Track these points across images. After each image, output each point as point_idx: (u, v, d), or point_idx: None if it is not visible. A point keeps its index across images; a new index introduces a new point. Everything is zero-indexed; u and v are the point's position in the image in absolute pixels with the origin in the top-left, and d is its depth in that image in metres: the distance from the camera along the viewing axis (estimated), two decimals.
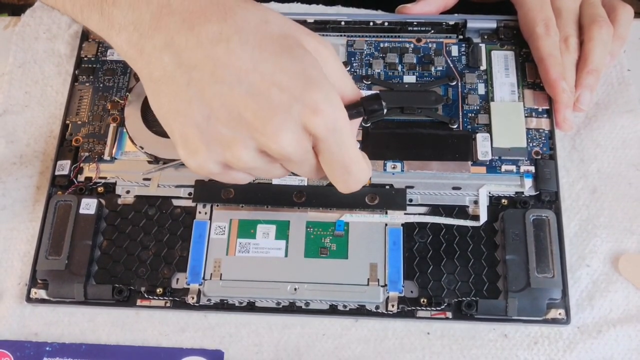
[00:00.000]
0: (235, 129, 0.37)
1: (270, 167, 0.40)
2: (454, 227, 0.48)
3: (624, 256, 0.47)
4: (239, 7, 0.38)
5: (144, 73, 0.39)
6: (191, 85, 0.37)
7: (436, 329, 0.46)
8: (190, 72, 0.37)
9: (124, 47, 0.39)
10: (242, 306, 0.46)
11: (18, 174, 0.52)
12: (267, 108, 0.36)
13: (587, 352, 0.45)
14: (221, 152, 0.38)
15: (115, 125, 0.52)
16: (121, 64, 0.55)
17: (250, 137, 0.37)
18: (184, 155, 0.39)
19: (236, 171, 0.40)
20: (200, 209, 0.49)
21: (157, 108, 0.39)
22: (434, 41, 0.55)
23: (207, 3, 0.38)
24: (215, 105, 0.37)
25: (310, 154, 0.39)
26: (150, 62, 0.38)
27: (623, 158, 0.51)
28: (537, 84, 0.52)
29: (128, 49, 0.39)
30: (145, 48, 0.38)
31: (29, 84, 0.55)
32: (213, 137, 0.37)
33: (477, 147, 0.50)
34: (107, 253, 0.48)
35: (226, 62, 0.36)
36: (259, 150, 0.38)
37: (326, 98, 0.37)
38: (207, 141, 0.38)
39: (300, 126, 0.37)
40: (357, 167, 0.40)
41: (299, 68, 0.37)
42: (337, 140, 0.38)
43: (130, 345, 0.46)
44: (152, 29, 0.37)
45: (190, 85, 0.37)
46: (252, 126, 0.37)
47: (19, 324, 0.47)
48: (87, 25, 0.40)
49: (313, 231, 0.48)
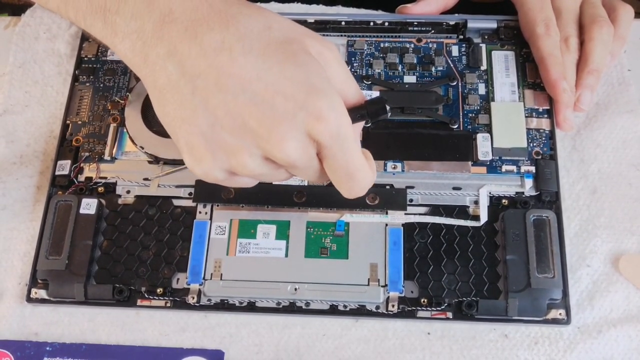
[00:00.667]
0: (240, 137, 0.37)
1: (275, 173, 0.40)
2: (454, 227, 0.48)
3: (624, 256, 0.47)
4: (242, 15, 0.38)
5: (148, 80, 0.39)
6: (196, 94, 0.37)
7: (436, 329, 0.46)
8: (195, 81, 0.37)
9: (128, 55, 0.39)
10: (242, 306, 0.46)
11: (18, 174, 0.52)
12: (272, 116, 0.36)
13: (587, 352, 0.45)
14: (226, 160, 0.38)
15: (116, 125, 0.52)
16: (121, 64, 0.55)
17: (255, 145, 0.37)
18: (189, 162, 0.39)
19: (241, 177, 0.40)
20: (200, 209, 0.49)
21: (163, 115, 0.39)
22: (435, 41, 0.55)
23: (209, 11, 0.38)
24: (219, 113, 0.37)
25: (315, 161, 0.39)
26: (155, 70, 0.38)
27: (623, 158, 0.51)
28: (537, 84, 0.52)
29: (132, 57, 0.39)
30: (149, 56, 0.38)
31: (29, 84, 0.55)
32: (218, 145, 0.37)
33: (478, 147, 0.50)
34: (107, 253, 0.48)
35: (229, 71, 0.36)
36: (264, 157, 0.38)
37: (330, 105, 0.37)
38: (213, 149, 0.38)
39: (304, 134, 0.37)
40: (360, 174, 0.40)
41: (302, 76, 0.37)
42: (341, 147, 0.38)
43: (130, 345, 0.46)
44: (155, 37, 0.37)
45: (194, 94, 0.37)
46: (257, 134, 0.37)
47: (19, 324, 0.47)
48: (91, 32, 0.41)
49: (313, 231, 0.48)
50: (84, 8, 0.40)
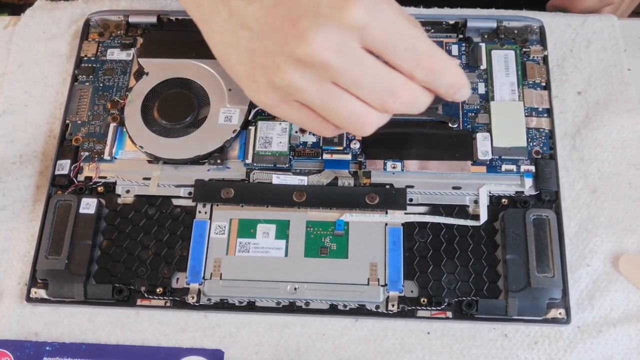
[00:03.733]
0: (272, 41, 0.37)
1: (323, 89, 0.38)
2: (454, 226, 0.48)
3: (624, 256, 0.47)
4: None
5: (197, 17, 0.42)
6: (232, 14, 0.39)
7: (436, 329, 0.46)
8: (229, 3, 0.39)
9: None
10: (242, 306, 0.46)
11: (18, 174, 0.52)
12: (295, 11, 0.37)
13: (587, 351, 0.45)
14: (269, 74, 0.38)
15: (115, 125, 0.52)
16: (121, 63, 0.55)
17: (284, 44, 0.37)
18: (246, 87, 0.41)
19: (292, 104, 0.40)
20: (200, 209, 0.49)
21: (213, 47, 0.42)
22: (434, 40, 0.54)
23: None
24: (253, 25, 0.38)
25: (359, 54, 0.37)
26: (200, 4, 0.41)
27: (623, 158, 0.51)
28: (537, 84, 0.52)
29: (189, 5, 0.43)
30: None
31: (29, 84, 0.55)
32: (259, 60, 0.39)
33: (477, 146, 0.50)
34: (107, 253, 0.48)
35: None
36: (297, 60, 0.37)
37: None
38: (255, 66, 0.39)
39: (334, 26, 0.36)
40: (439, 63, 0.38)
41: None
42: (384, 22, 0.37)
43: (130, 345, 0.46)
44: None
45: (232, 15, 0.39)
46: (283, 31, 0.37)
47: (19, 324, 0.47)
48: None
49: (313, 231, 0.48)
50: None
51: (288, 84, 0.38)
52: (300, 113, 0.41)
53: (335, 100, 0.39)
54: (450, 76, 0.39)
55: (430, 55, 0.38)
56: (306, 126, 0.42)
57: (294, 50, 0.37)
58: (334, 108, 0.39)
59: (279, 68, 0.38)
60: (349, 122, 0.40)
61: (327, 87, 0.38)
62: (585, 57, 0.54)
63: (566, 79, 0.54)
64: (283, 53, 0.37)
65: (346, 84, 0.38)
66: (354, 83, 0.38)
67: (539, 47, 0.53)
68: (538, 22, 0.54)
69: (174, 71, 0.53)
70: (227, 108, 0.51)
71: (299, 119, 0.41)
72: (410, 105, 0.40)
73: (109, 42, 0.56)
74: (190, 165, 0.50)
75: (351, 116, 0.39)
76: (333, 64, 0.37)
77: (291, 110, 0.41)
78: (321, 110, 0.40)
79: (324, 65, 0.37)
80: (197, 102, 0.51)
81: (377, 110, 0.39)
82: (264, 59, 0.38)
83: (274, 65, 0.38)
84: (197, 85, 0.52)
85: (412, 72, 0.38)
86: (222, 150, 0.50)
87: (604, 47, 0.55)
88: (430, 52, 0.38)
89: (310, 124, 0.41)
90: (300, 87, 0.38)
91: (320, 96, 0.38)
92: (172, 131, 0.51)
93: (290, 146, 0.51)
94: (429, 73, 0.38)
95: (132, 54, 0.55)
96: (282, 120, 0.51)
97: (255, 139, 0.51)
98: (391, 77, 0.38)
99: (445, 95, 0.40)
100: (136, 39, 0.55)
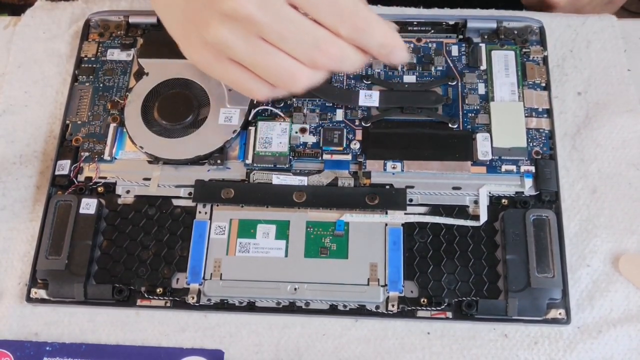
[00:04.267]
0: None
1: (250, 44, 0.39)
2: (454, 227, 0.48)
3: (624, 256, 0.47)
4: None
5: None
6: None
7: (436, 329, 0.46)
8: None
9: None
10: (242, 306, 0.46)
11: (18, 174, 0.52)
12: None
13: (587, 352, 0.45)
14: (200, 33, 0.39)
15: (115, 125, 0.52)
16: (121, 64, 0.55)
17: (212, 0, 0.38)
18: (182, 47, 0.42)
19: (225, 63, 0.40)
20: (200, 209, 0.49)
21: (156, 10, 0.45)
22: (434, 41, 0.55)
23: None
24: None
25: (282, 8, 0.37)
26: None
27: (623, 158, 0.51)
28: (537, 84, 0.52)
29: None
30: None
31: (29, 84, 0.55)
32: (191, 16, 0.40)
33: (477, 147, 0.50)
34: (107, 253, 0.48)
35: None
36: (224, 14, 0.38)
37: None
38: (188, 23, 0.40)
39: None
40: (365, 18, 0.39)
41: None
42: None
43: (130, 345, 0.46)
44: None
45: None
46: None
47: (19, 324, 0.47)
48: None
49: (313, 231, 0.48)
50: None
51: (218, 40, 0.39)
52: (235, 72, 0.41)
53: (264, 55, 0.39)
54: (379, 36, 0.39)
55: (353, 13, 0.38)
56: (240, 86, 0.42)
57: (220, 6, 0.38)
58: (264, 63, 0.39)
59: (208, 24, 0.39)
60: (280, 77, 0.40)
61: (254, 42, 0.39)
62: (585, 58, 0.55)
63: (566, 80, 0.54)
64: (211, 8, 0.38)
65: (273, 38, 0.38)
66: (280, 37, 0.38)
67: (538, 48, 0.54)
68: (538, 23, 0.54)
69: (174, 71, 0.53)
70: (227, 108, 0.51)
71: (234, 79, 0.42)
72: (339, 60, 0.39)
73: (109, 42, 0.56)
74: (190, 166, 0.50)
75: (281, 71, 0.39)
76: (257, 17, 0.37)
77: (225, 69, 0.41)
78: (252, 67, 0.40)
79: (248, 19, 0.37)
80: (197, 102, 0.51)
81: (307, 65, 0.40)
82: (195, 15, 0.40)
83: (204, 22, 0.39)
84: (197, 85, 0.52)
85: (336, 28, 0.38)
86: (222, 151, 0.50)
87: (604, 48, 0.55)
88: (353, 10, 0.38)
89: (244, 83, 0.41)
90: (229, 43, 0.39)
91: (249, 52, 0.39)
92: (172, 131, 0.51)
93: (291, 146, 0.51)
94: (355, 31, 0.39)
95: (132, 54, 0.55)
96: (282, 121, 0.51)
97: (255, 139, 0.51)
98: (315, 31, 0.38)
99: (379, 56, 0.40)
100: (136, 40, 0.55)
